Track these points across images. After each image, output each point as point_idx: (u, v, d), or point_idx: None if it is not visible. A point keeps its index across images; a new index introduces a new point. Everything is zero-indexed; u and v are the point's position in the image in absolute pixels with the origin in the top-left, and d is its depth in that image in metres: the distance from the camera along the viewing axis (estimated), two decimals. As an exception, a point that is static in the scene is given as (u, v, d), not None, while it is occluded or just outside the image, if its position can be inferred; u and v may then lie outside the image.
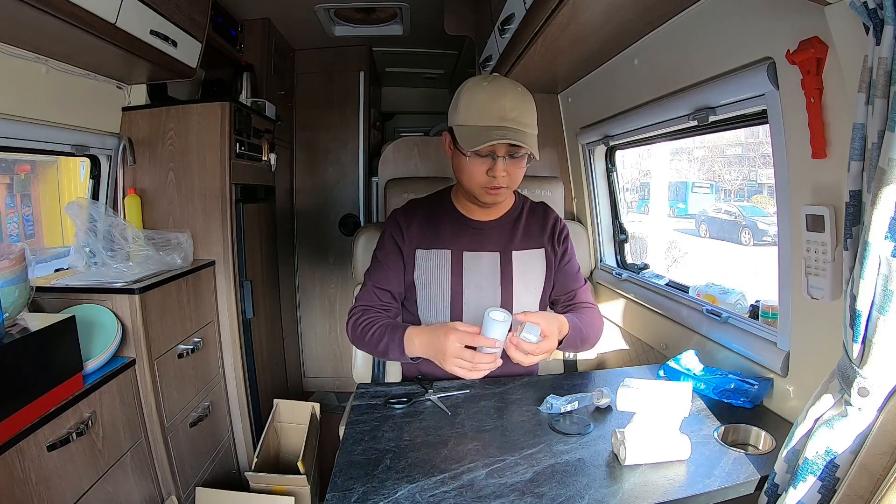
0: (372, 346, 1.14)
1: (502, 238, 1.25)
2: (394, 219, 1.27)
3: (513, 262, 1.24)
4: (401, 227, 1.24)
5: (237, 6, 2.23)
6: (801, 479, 0.73)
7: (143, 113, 1.79)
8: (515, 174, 1.13)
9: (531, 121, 1.11)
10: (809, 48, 0.84)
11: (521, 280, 1.24)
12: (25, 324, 1.10)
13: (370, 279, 1.24)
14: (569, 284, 1.29)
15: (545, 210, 1.32)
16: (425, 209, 1.27)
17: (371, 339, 1.14)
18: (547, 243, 1.28)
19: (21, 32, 1.21)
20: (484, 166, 1.11)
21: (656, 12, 1.19)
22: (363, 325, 1.16)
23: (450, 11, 2.23)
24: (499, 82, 1.11)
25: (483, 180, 1.12)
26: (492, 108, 1.07)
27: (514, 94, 1.09)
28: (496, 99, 1.07)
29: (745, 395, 1.06)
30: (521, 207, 1.30)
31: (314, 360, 3.07)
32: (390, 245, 1.24)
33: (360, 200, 3.02)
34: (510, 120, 1.07)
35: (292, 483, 1.67)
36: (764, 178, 3.81)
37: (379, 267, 1.25)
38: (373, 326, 1.15)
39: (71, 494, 1.14)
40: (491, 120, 1.07)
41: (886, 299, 0.64)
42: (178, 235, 1.70)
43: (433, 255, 1.23)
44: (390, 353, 1.11)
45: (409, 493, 0.79)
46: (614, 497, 0.78)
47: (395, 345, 1.09)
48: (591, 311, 1.26)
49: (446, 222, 1.25)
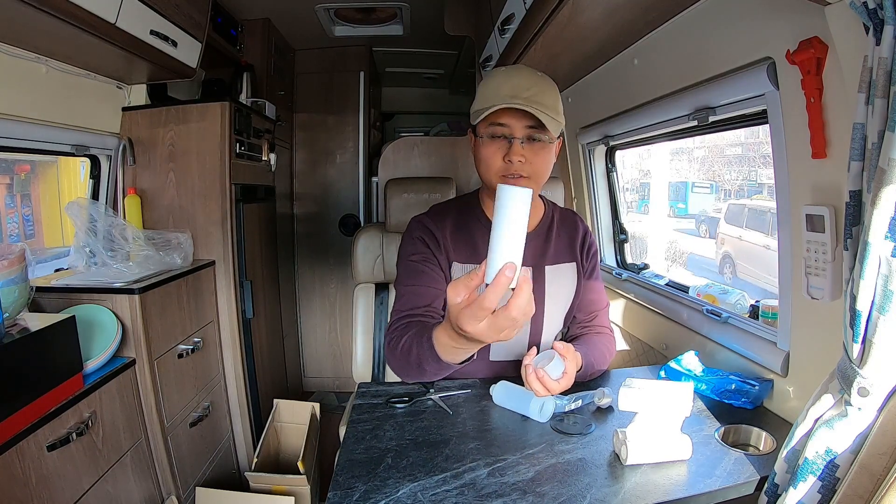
0: (405, 363, 0.94)
1: (535, 251, 1.14)
2: (423, 225, 1.13)
3: (545, 278, 1.14)
4: (434, 235, 1.10)
5: (237, 6, 2.23)
6: (801, 479, 0.73)
7: (143, 113, 1.79)
8: (537, 162, 1.00)
9: (552, 103, 1.00)
10: (809, 48, 0.84)
11: (552, 297, 1.15)
12: (25, 324, 1.10)
13: (406, 282, 1.08)
14: (592, 305, 1.21)
15: (574, 219, 1.22)
16: (454, 216, 1.14)
17: (402, 353, 0.94)
18: (578, 256, 1.18)
19: (21, 32, 1.21)
20: (500, 150, 0.99)
21: (656, 12, 1.19)
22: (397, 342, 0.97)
23: (450, 11, 2.23)
24: (515, 66, 1.04)
25: (499, 167, 1.00)
26: (504, 87, 0.98)
27: (531, 74, 1.01)
28: (510, 78, 0.99)
29: (745, 395, 1.06)
30: (552, 216, 1.19)
31: (314, 360, 3.08)
32: (424, 249, 1.10)
33: (360, 200, 3.02)
34: (524, 98, 0.96)
35: (292, 483, 1.67)
36: (764, 178, 3.81)
37: (415, 270, 1.08)
38: (402, 338, 0.96)
39: (71, 494, 1.14)
40: (503, 98, 0.97)
41: (886, 299, 0.64)
42: (178, 235, 1.70)
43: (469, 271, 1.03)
44: (426, 364, 0.87)
45: (410, 492, 0.79)
46: (615, 496, 0.78)
47: (424, 352, 0.86)
48: (606, 340, 1.18)
49: (479, 232, 1.12)
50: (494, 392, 1.08)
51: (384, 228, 1.54)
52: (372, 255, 1.53)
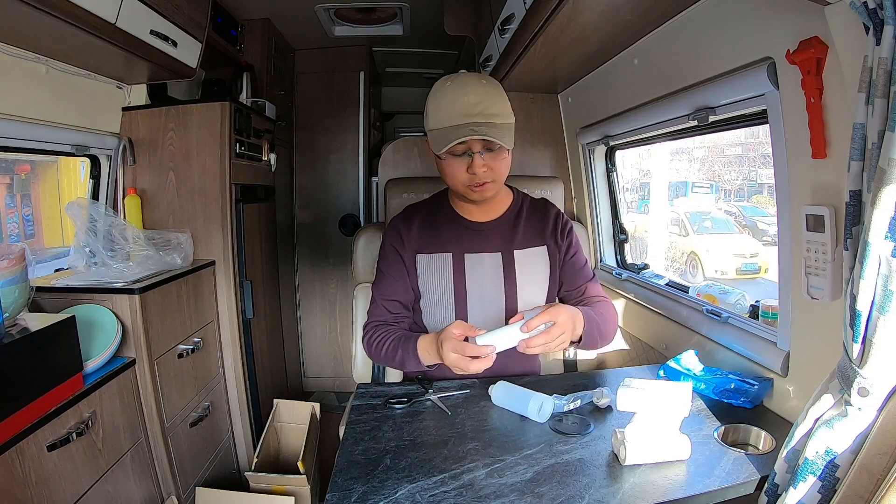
0: (390, 361, 1.16)
1: (503, 238, 1.24)
2: (393, 226, 1.26)
3: (515, 262, 1.22)
4: (400, 234, 1.23)
5: (237, 6, 2.23)
6: (801, 479, 0.73)
7: (143, 113, 1.79)
8: (497, 167, 1.11)
9: (501, 110, 1.09)
10: (809, 48, 0.84)
11: (524, 280, 1.22)
12: (25, 324, 1.10)
13: (377, 292, 1.24)
14: (577, 279, 1.26)
15: (546, 206, 1.30)
16: (424, 213, 1.26)
17: (387, 354, 1.15)
18: (549, 240, 1.26)
19: (21, 32, 1.21)
20: (463, 165, 1.09)
21: (656, 12, 1.19)
22: (377, 342, 1.17)
23: (450, 11, 2.23)
24: (462, 79, 1.10)
25: (465, 178, 1.11)
26: (455, 107, 1.06)
27: (477, 87, 1.07)
28: (458, 97, 1.06)
29: (745, 395, 1.06)
30: (520, 205, 1.28)
31: (314, 360, 3.07)
32: (391, 254, 1.24)
33: (360, 200, 3.02)
34: (476, 115, 1.05)
35: (292, 483, 1.68)
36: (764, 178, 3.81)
37: (384, 278, 1.24)
38: (386, 341, 1.16)
39: (71, 494, 1.14)
40: (457, 118, 1.06)
41: (886, 299, 0.64)
42: (178, 235, 1.70)
43: (434, 260, 1.22)
44: (407, 364, 1.12)
45: (409, 493, 0.79)
46: (614, 497, 0.78)
47: (409, 356, 1.11)
48: (604, 304, 1.23)
49: (445, 225, 1.24)
50: (493, 392, 1.08)
51: (384, 228, 1.53)
52: (372, 255, 1.52)
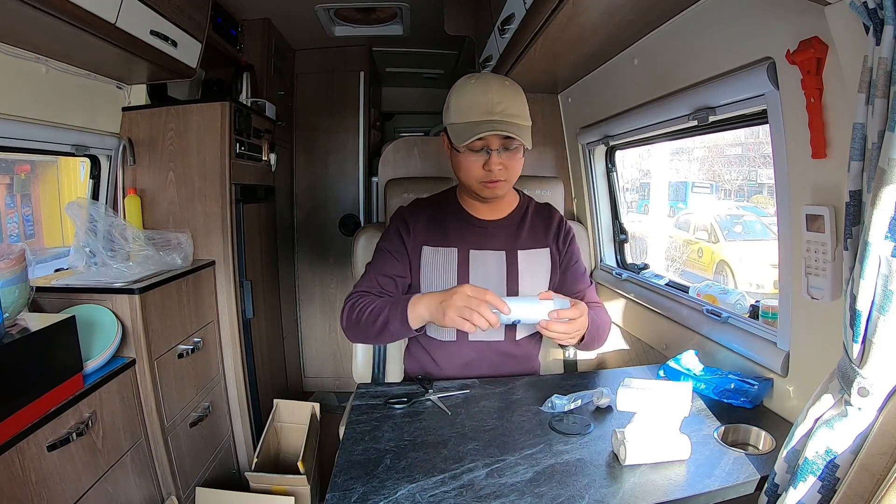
0: (370, 324, 1.11)
1: (507, 237, 1.26)
2: (400, 215, 1.28)
3: (518, 261, 1.24)
4: (407, 223, 1.25)
5: (237, 6, 2.23)
6: (801, 479, 0.73)
7: (143, 113, 1.79)
8: (512, 166, 1.14)
9: (521, 112, 1.13)
10: (809, 48, 0.84)
11: (527, 279, 1.24)
12: (25, 324, 1.10)
13: (373, 268, 1.24)
14: (576, 285, 1.30)
15: (550, 211, 1.34)
16: (431, 207, 1.29)
17: (370, 316, 1.11)
18: (552, 243, 1.29)
19: (21, 32, 1.21)
20: (479, 161, 1.13)
21: (656, 12, 1.19)
22: (360, 306, 1.14)
23: (450, 11, 2.23)
24: (486, 78, 1.14)
25: (480, 174, 1.14)
26: (479, 103, 1.10)
27: (501, 87, 1.11)
28: (483, 94, 1.10)
29: (745, 395, 1.06)
30: (525, 207, 1.31)
31: (314, 360, 3.07)
32: (396, 238, 1.25)
33: (360, 200, 3.02)
34: (498, 113, 1.09)
35: (292, 483, 1.67)
36: (764, 178, 3.80)
37: (383, 256, 1.24)
38: (372, 303, 1.13)
39: (71, 494, 1.14)
40: (479, 115, 1.09)
41: (886, 299, 0.64)
42: (178, 235, 1.70)
43: (440, 253, 1.23)
44: (391, 323, 1.07)
45: (409, 493, 0.79)
46: (614, 497, 0.78)
47: (396, 313, 1.07)
48: (599, 310, 1.27)
49: (452, 221, 1.26)
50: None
51: (384, 228, 1.53)
52: (372, 255, 1.53)
